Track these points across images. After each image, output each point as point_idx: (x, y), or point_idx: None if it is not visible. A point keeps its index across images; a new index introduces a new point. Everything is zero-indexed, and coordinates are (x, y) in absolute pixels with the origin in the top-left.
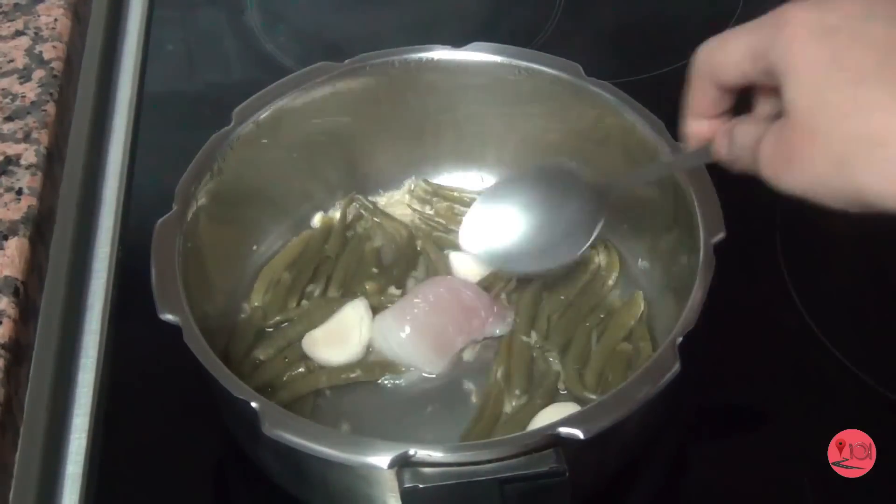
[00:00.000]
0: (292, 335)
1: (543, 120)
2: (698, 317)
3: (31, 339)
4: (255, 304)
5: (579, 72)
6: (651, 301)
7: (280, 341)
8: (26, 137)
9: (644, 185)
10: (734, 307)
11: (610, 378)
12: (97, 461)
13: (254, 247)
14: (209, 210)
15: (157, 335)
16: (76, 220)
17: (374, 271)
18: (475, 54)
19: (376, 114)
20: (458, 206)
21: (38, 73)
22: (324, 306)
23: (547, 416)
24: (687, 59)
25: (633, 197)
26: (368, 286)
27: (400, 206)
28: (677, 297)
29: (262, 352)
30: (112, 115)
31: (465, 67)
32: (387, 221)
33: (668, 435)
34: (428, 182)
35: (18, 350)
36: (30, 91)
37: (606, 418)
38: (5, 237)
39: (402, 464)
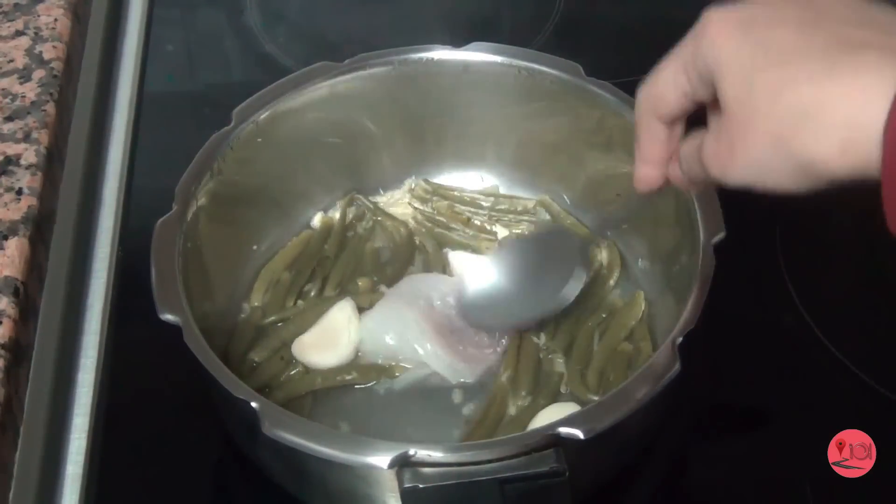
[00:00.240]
0: (286, 336)
1: (543, 120)
2: (698, 317)
3: (31, 339)
4: (254, 304)
5: (579, 72)
6: (651, 301)
7: (274, 342)
8: (26, 137)
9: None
10: (734, 307)
11: (611, 378)
12: (97, 461)
13: (254, 247)
14: (209, 210)
15: (157, 335)
16: (76, 220)
17: (369, 270)
18: (475, 54)
19: (376, 114)
20: (458, 204)
21: (38, 73)
22: (319, 305)
23: (547, 416)
24: None
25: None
26: (360, 283)
27: (401, 205)
28: (677, 297)
29: (257, 353)
30: (112, 115)
31: (465, 67)
32: (387, 220)
33: (668, 435)
34: (428, 181)
35: (18, 350)
36: (30, 91)
37: (606, 418)
38: (5, 237)
39: (402, 464)
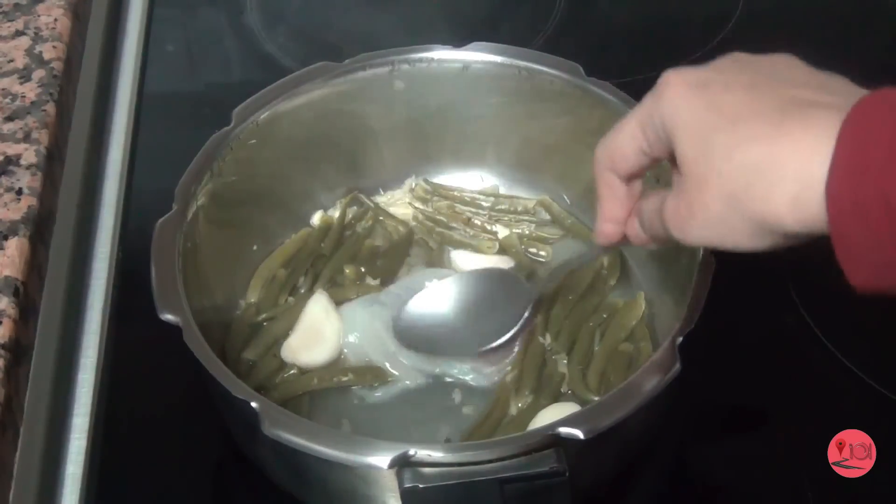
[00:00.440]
0: (277, 332)
1: (543, 120)
2: (698, 317)
3: (31, 339)
4: (250, 301)
5: (579, 72)
6: (651, 301)
7: (267, 339)
8: (26, 137)
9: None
10: (734, 307)
11: (612, 378)
12: (97, 461)
13: (254, 247)
14: (209, 210)
15: (157, 335)
16: (76, 220)
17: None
18: (475, 54)
19: (376, 114)
20: (458, 204)
21: (38, 73)
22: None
23: (547, 416)
24: (687, 58)
25: None
26: (347, 270)
27: (401, 205)
28: (677, 298)
29: (251, 351)
30: (112, 115)
31: (465, 67)
32: (387, 220)
33: (668, 435)
34: (428, 181)
35: (18, 350)
36: (30, 91)
37: (606, 418)
38: (5, 237)
39: (402, 464)
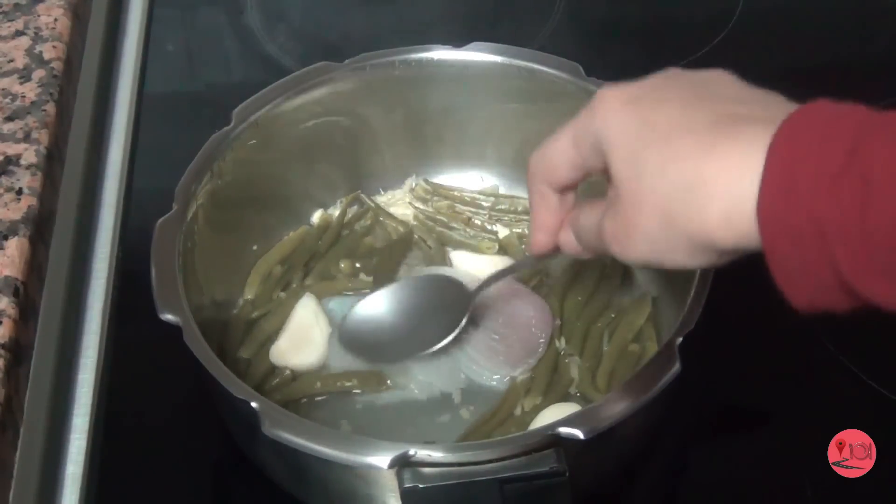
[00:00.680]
0: (269, 329)
1: (543, 120)
2: (698, 317)
3: (31, 339)
4: (247, 298)
5: (579, 72)
6: (655, 300)
7: (260, 337)
8: (26, 137)
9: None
10: (734, 307)
11: (621, 379)
12: (97, 461)
13: (254, 246)
14: (209, 210)
15: (157, 335)
16: (76, 220)
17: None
18: (475, 54)
19: (376, 114)
20: (458, 204)
21: (38, 73)
22: (300, 294)
23: (548, 416)
24: (687, 59)
25: None
26: (343, 264)
27: (401, 205)
28: (677, 298)
29: (245, 350)
30: (112, 115)
31: (465, 67)
32: (387, 220)
33: (668, 435)
34: (428, 181)
35: (18, 350)
36: (30, 91)
37: (606, 418)
38: (5, 237)
39: (402, 464)
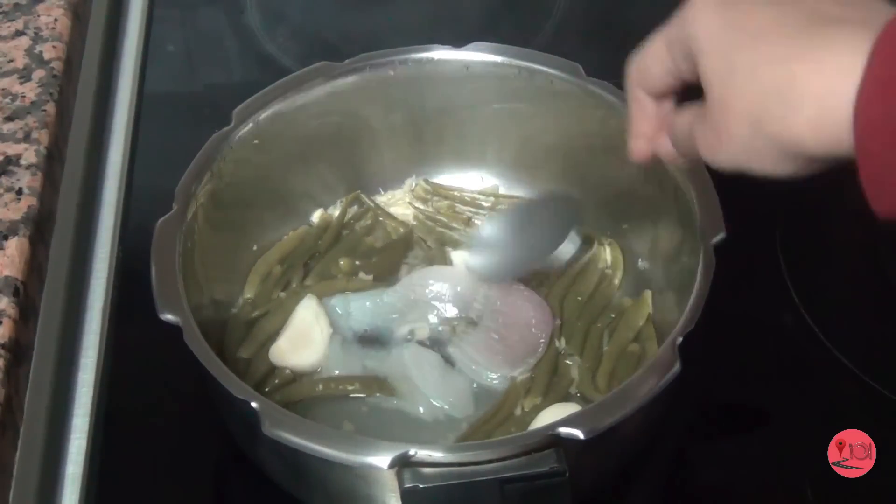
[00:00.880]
0: (269, 328)
1: (543, 120)
2: (698, 317)
3: (31, 339)
4: (246, 297)
5: (579, 72)
6: (656, 300)
7: (260, 336)
8: (26, 137)
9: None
10: (734, 307)
11: (621, 380)
12: (97, 461)
13: (253, 246)
14: (209, 210)
15: (157, 335)
16: (76, 220)
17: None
18: (475, 54)
19: (376, 114)
20: (458, 204)
21: (38, 73)
22: (298, 294)
23: (547, 416)
24: None
25: (634, 197)
26: (342, 262)
27: (401, 205)
28: (677, 298)
29: (245, 350)
30: (112, 115)
31: (465, 67)
32: (387, 220)
33: (668, 435)
34: (428, 181)
35: (18, 350)
36: (30, 91)
37: (606, 418)
38: (5, 237)
39: (403, 464)
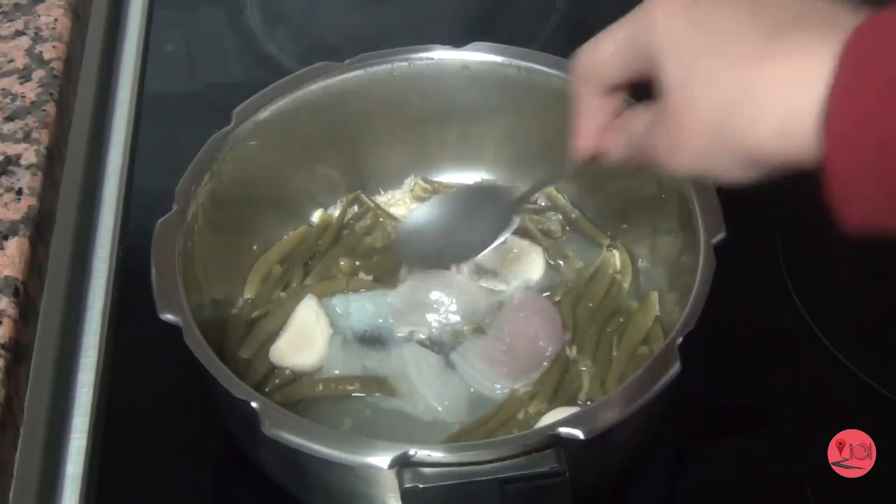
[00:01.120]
0: (269, 329)
1: (543, 120)
2: (698, 317)
3: (31, 339)
4: (246, 298)
5: None
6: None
7: (260, 337)
8: (26, 137)
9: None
10: (734, 307)
11: None
12: (97, 461)
13: (254, 246)
14: (209, 210)
15: (157, 335)
16: (76, 220)
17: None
18: (475, 54)
19: (376, 114)
20: None
21: (38, 73)
22: (298, 295)
23: (548, 417)
24: None
25: (634, 197)
26: (343, 262)
27: (401, 204)
28: (678, 298)
29: (245, 350)
30: (112, 115)
31: (465, 67)
32: (387, 220)
33: (668, 435)
34: (428, 181)
35: (18, 350)
36: (30, 91)
37: (606, 418)
38: (5, 237)
39: (403, 464)
